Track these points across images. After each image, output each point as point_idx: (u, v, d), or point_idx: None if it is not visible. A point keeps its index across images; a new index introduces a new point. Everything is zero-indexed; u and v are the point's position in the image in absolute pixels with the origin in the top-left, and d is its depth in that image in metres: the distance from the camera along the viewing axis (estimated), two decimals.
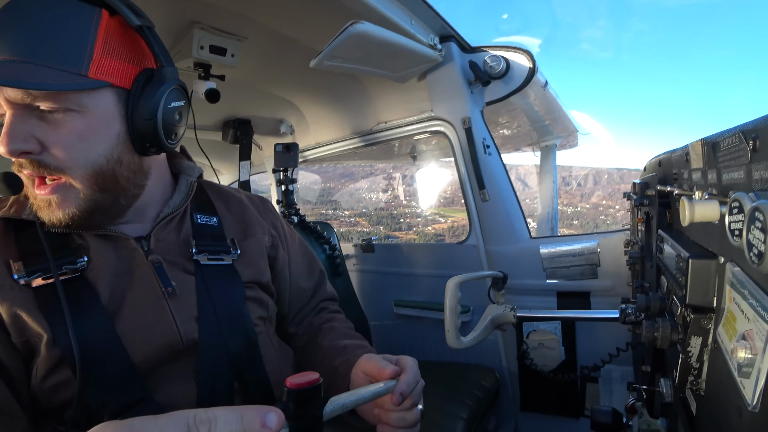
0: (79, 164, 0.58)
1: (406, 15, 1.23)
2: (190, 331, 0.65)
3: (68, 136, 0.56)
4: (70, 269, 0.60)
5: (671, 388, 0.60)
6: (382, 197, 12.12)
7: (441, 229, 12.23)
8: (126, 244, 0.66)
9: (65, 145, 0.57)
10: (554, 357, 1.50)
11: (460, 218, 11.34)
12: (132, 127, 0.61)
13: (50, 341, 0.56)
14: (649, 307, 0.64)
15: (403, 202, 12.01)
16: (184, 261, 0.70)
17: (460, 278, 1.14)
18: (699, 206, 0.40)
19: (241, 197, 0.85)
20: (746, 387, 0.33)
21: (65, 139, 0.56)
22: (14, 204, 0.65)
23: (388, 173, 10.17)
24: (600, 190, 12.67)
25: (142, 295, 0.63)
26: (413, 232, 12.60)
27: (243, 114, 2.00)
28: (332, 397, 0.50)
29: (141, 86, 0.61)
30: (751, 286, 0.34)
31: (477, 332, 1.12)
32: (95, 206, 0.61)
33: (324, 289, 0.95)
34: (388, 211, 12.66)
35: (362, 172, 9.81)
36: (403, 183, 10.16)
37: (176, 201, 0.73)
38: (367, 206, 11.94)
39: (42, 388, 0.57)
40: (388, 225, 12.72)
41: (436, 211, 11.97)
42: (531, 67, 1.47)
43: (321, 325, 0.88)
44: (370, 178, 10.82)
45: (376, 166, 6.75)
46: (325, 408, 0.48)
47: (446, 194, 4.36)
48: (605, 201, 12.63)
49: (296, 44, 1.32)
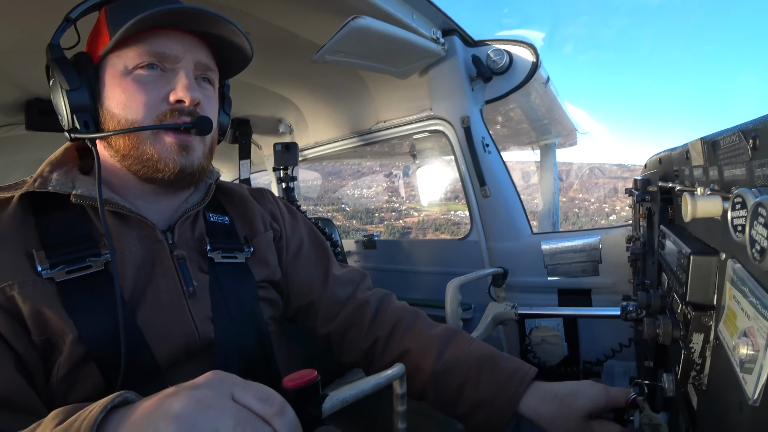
0: (212, 127, 0.69)
1: (407, 10, 1.23)
2: (207, 331, 0.65)
3: (213, 103, 0.71)
4: (95, 262, 0.60)
5: (673, 383, 0.60)
6: (364, 193, 12.71)
7: (411, 222, 13.66)
8: (151, 233, 0.66)
9: (212, 109, 0.70)
10: (557, 353, 1.50)
11: (434, 212, 12.41)
12: (219, 117, 0.76)
13: (75, 339, 0.56)
14: (650, 305, 0.64)
15: (384, 198, 12.76)
16: (200, 258, 0.70)
17: (459, 280, 1.15)
18: (701, 201, 0.40)
19: (243, 191, 0.86)
20: (748, 382, 0.33)
21: (212, 105, 0.71)
22: (38, 179, 0.63)
23: (375, 171, 10.44)
24: (577, 184, 13.72)
25: (162, 291, 0.64)
26: (383, 225, 13.84)
27: (242, 113, 2.00)
28: (331, 393, 0.50)
29: (221, 90, 0.79)
30: (751, 284, 0.34)
31: (479, 332, 1.12)
32: (201, 166, 0.69)
33: (338, 273, 0.88)
34: (366, 206, 13.60)
35: (349, 170, 10.19)
36: (388, 180, 10.37)
37: (195, 199, 0.74)
38: (348, 202, 12.42)
39: (61, 385, 0.57)
40: (361, 219, 13.59)
41: (413, 205, 12.89)
42: (534, 62, 1.45)
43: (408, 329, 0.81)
44: (356, 176, 11.16)
45: (364, 165, 6.85)
46: (324, 404, 0.48)
47: (437, 190, 4.60)
48: (581, 194, 14.06)
49: (297, 40, 1.31)
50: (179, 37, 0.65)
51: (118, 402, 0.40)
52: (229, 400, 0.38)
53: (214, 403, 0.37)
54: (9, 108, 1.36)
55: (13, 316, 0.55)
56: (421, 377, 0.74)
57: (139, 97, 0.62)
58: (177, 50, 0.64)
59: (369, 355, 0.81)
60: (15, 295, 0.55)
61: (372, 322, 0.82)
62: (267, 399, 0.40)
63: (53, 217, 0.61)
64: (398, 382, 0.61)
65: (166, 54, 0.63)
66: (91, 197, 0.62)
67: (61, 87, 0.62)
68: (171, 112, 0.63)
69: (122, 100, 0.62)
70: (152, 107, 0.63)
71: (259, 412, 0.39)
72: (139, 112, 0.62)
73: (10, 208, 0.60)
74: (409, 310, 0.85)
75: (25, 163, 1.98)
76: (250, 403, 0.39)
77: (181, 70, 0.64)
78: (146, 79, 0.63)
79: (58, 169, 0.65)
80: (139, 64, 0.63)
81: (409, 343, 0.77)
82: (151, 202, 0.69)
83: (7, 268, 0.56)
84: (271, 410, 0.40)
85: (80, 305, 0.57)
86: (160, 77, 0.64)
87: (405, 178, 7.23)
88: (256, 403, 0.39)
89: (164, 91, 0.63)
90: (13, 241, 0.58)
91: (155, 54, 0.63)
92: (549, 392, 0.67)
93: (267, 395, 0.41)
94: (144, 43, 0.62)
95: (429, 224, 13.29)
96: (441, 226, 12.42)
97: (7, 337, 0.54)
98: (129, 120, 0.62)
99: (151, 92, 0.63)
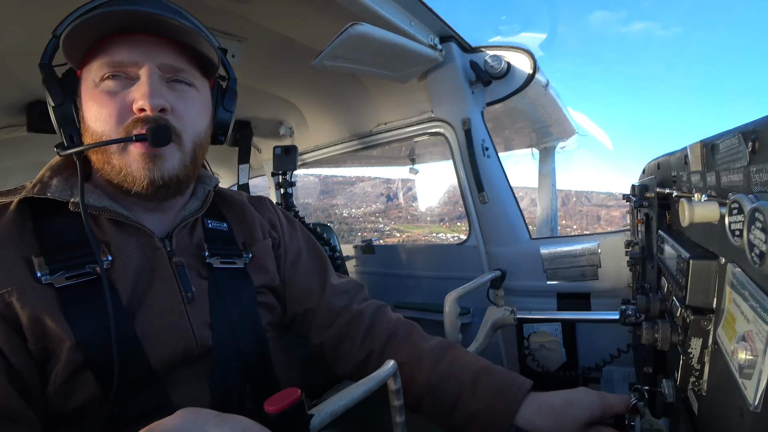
0: (191, 132, 0.66)
1: (405, 17, 1.24)
2: (206, 337, 0.65)
3: (192, 106, 0.67)
4: (94, 268, 0.59)
5: (673, 389, 0.60)
6: (352, 213, 13.42)
7: (392, 242, 15.41)
8: (149, 241, 0.65)
9: (188, 113, 0.66)
10: (555, 358, 1.49)
11: (415, 233, 13.69)
12: (216, 116, 0.74)
13: (73, 346, 0.55)
14: (649, 309, 0.64)
15: (371, 219, 13.62)
16: (198, 264, 0.70)
17: (458, 292, 1.15)
18: (698, 207, 0.40)
19: (242, 198, 0.86)
20: (748, 388, 0.33)
21: (190, 108, 0.66)
22: (37, 184, 0.63)
23: (366, 192, 10.94)
24: (561, 210, 14.99)
25: (161, 297, 0.63)
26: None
27: (242, 116, 2.00)
28: (318, 408, 0.48)
29: (221, 87, 0.76)
30: (751, 287, 0.34)
31: (479, 342, 1.12)
32: (184, 174, 0.66)
33: (335, 282, 0.88)
34: (350, 225, 14.40)
35: (339, 189, 10.69)
36: (375, 203, 10.76)
37: (193, 206, 0.74)
38: (334, 220, 12.92)
39: (58, 393, 0.56)
40: (343, 237, 14.69)
41: (396, 226, 14.48)
42: (532, 67, 1.47)
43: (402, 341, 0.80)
44: (342, 191, 11.62)
45: (352, 180, 7.26)
46: (312, 422, 0.47)
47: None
48: (563, 221, 15.53)
49: (297, 45, 1.32)
50: (139, 41, 0.62)
51: None
52: None
53: None
54: (10, 109, 1.36)
55: (10, 324, 0.54)
56: (416, 389, 0.73)
57: (105, 109, 0.61)
58: (135, 56, 0.61)
59: (363, 366, 0.80)
60: (14, 302, 0.54)
61: (366, 334, 0.81)
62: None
63: (52, 222, 0.61)
64: (392, 379, 0.60)
65: (125, 62, 0.61)
66: (90, 205, 0.62)
67: (48, 103, 0.64)
68: (134, 122, 0.61)
69: (93, 113, 0.62)
70: (118, 118, 0.61)
71: None
72: (107, 124, 0.61)
73: (9, 213, 0.60)
74: (404, 322, 0.84)
75: (26, 165, 1.98)
76: None
77: (143, 77, 0.62)
78: (113, 90, 0.61)
79: (58, 176, 0.65)
80: (104, 76, 0.61)
81: (403, 355, 0.76)
82: (149, 210, 0.68)
83: (6, 274, 0.55)
84: None
85: (79, 311, 0.56)
86: (126, 86, 0.62)
87: (389, 202, 7.43)
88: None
89: (128, 101, 0.61)
90: (12, 247, 0.57)
91: (114, 63, 0.61)
92: (545, 404, 0.66)
93: (243, 428, 0.40)
94: (105, 53, 0.61)
95: (389, 232, 14.70)
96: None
97: (2, 346, 0.53)
98: (98, 133, 0.62)
99: (116, 103, 0.61)
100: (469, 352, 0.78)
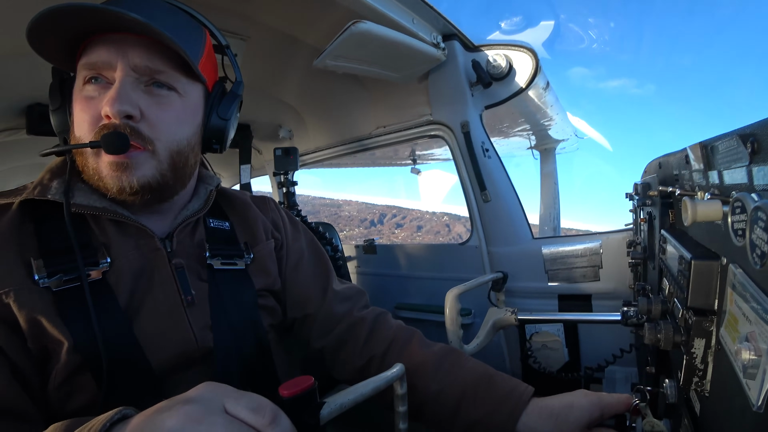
0: (168, 139, 0.63)
1: (407, 15, 1.23)
2: (206, 339, 0.65)
3: (169, 112, 0.63)
4: (93, 270, 0.59)
5: (675, 389, 0.60)
6: (345, 235, 13.78)
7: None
8: (149, 242, 0.65)
9: (164, 119, 0.62)
10: (558, 358, 1.49)
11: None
12: (207, 123, 0.70)
13: (71, 348, 0.55)
14: (651, 310, 0.64)
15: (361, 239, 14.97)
16: (199, 266, 0.70)
17: (459, 289, 1.14)
18: (701, 206, 0.40)
19: (245, 198, 0.85)
20: (752, 388, 0.33)
21: (166, 114, 0.62)
22: (38, 186, 0.63)
23: (348, 211, 11.18)
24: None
25: (160, 300, 0.63)
26: None
27: (242, 119, 2.01)
28: (329, 398, 0.50)
29: (219, 92, 0.72)
30: (752, 289, 0.34)
31: (480, 339, 1.12)
32: (161, 182, 0.63)
33: (337, 288, 0.88)
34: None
35: (325, 210, 10.94)
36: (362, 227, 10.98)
37: (194, 206, 0.73)
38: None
39: (58, 394, 0.56)
40: None
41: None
42: (534, 67, 1.46)
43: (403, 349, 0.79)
44: (328, 212, 11.87)
45: (339, 203, 7.33)
46: (322, 411, 0.48)
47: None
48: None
49: (298, 44, 1.32)
50: (114, 41, 0.59)
51: (117, 418, 0.40)
52: (221, 414, 0.38)
53: (205, 417, 0.37)
54: (10, 112, 1.36)
55: (8, 324, 0.54)
56: (417, 396, 0.73)
57: (83, 114, 0.60)
58: (110, 57, 0.59)
59: (363, 372, 0.79)
60: (11, 303, 0.54)
61: (367, 340, 0.81)
62: (259, 409, 0.40)
63: (52, 224, 0.61)
64: (398, 382, 0.60)
65: (99, 63, 0.59)
66: (90, 206, 0.62)
67: (49, 107, 0.65)
68: (100, 128, 0.58)
69: (76, 117, 0.62)
70: (91, 124, 0.60)
71: (252, 422, 0.39)
72: (82, 130, 0.60)
73: (10, 214, 0.60)
74: (405, 328, 0.84)
75: (26, 168, 1.98)
76: (242, 414, 0.39)
77: (116, 81, 0.59)
78: (91, 95, 0.60)
79: (58, 178, 0.64)
80: (85, 79, 0.60)
81: (404, 362, 0.76)
82: (149, 211, 0.68)
83: (4, 275, 0.55)
84: (263, 420, 0.39)
85: (76, 314, 0.56)
86: (104, 91, 0.59)
87: (372, 227, 7.51)
88: (248, 413, 0.39)
89: (101, 107, 0.59)
90: (11, 248, 0.57)
91: (90, 65, 0.59)
92: (544, 409, 0.66)
93: (259, 405, 0.40)
94: (85, 54, 0.60)
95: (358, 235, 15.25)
96: None
97: (2, 344, 0.54)
98: (77, 137, 0.61)
99: (91, 109, 0.60)
100: (471, 358, 0.77)
